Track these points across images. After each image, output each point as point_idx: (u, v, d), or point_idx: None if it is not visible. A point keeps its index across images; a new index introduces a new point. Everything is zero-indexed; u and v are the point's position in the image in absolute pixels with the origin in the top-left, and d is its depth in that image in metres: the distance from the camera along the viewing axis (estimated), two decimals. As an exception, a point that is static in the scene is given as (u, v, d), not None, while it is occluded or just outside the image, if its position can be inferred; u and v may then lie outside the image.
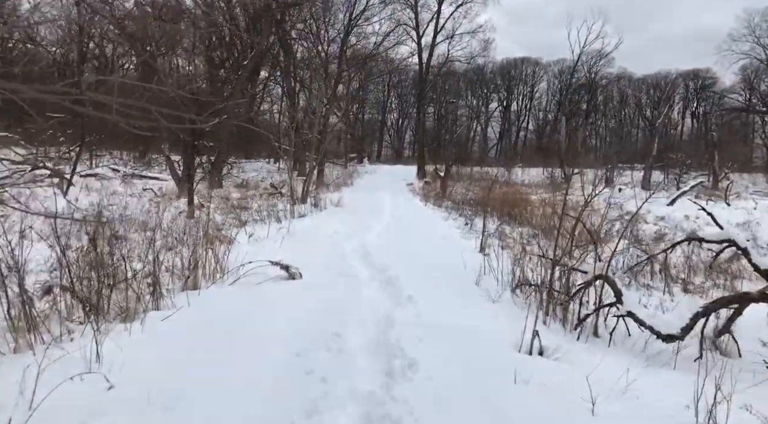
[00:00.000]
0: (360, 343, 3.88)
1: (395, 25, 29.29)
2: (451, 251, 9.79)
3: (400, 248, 8.87)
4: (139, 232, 9.97)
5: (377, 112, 53.05)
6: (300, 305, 5.03)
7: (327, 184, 21.83)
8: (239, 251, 7.36)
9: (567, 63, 53.86)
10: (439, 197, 21.03)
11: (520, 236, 12.72)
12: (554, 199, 23.02)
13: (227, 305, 4.91)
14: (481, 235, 12.70)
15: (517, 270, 7.65)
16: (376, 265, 7.09)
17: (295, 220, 11.60)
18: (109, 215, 11.56)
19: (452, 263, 8.38)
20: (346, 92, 31.13)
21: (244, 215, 12.95)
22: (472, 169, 33.03)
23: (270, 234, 9.47)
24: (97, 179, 22.58)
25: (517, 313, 6.05)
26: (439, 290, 6.06)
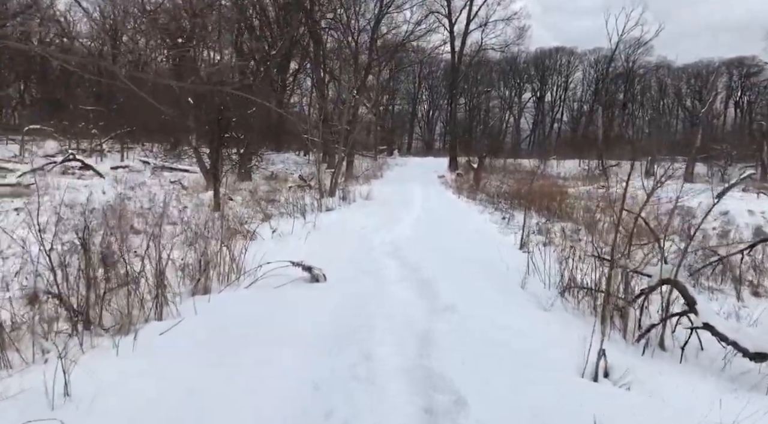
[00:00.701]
0: (393, 368, 3.14)
1: (427, 13, 28.30)
2: (489, 248, 8.97)
3: (433, 244, 8.10)
4: (157, 226, 9.43)
5: (408, 104, 52.06)
6: (322, 315, 4.32)
7: (356, 177, 21.13)
8: (260, 247, 6.71)
9: (603, 52, 51.89)
10: (472, 190, 20.14)
11: (562, 232, 11.80)
12: (596, 193, 21.84)
13: (238, 314, 4.24)
14: (520, 230, 11.87)
15: (565, 271, 6.84)
16: (407, 263, 6.35)
17: (323, 214, 10.93)
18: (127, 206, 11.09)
19: (492, 262, 7.58)
20: (376, 83, 30.35)
21: (270, 208, 12.35)
22: (505, 161, 31.94)
23: (295, 229, 8.81)
24: (128, 171, 22.35)
25: (570, 321, 5.24)
26: (481, 295, 5.28)
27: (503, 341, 3.78)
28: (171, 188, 17.02)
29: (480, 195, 19.17)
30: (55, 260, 3.84)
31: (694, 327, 5.10)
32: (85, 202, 13.32)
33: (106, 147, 26.80)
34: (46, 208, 12.32)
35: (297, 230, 8.84)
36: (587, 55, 53.54)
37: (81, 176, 20.04)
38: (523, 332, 4.11)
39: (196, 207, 11.91)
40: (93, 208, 9.75)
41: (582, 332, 4.88)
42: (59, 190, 15.82)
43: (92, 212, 8.23)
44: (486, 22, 30.23)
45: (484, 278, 6.21)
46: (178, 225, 9.45)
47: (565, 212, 15.46)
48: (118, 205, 10.92)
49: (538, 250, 9.43)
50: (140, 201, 12.26)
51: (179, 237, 8.83)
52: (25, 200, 13.37)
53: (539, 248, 9.75)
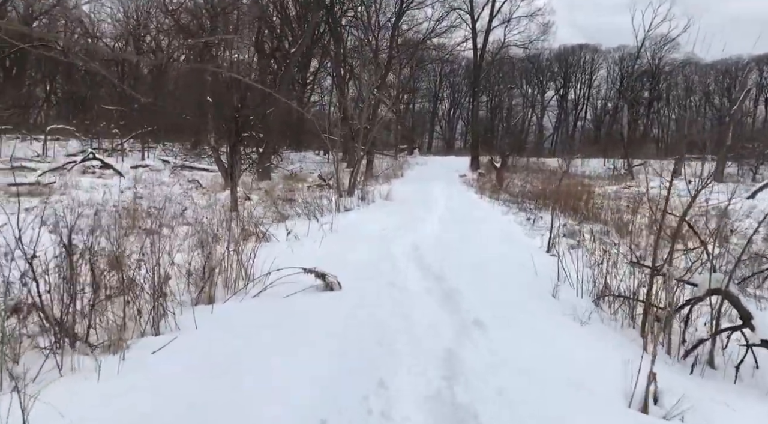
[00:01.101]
0: (413, 400, 2.68)
1: (448, 9, 27.72)
2: (516, 252, 8.45)
3: (456, 248, 7.62)
4: (170, 226, 9.10)
5: (428, 102, 51.44)
6: (334, 330, 3.88)
7: (376, 176, 20.70)
8: (273, 251, 6.30)
9: (628, 49, 50.57)
10: (495, 190, 19.55)
11: (591, 234, 11.20)
12: (624, 193, 21.08)
13: (242, 329, 3.80)
14: (547, 232, 11.30)
15: (598, 277, 6.32)
16: (430, 270, 5.88)
17: (340, 214, 10.50)
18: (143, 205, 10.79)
19: (519, 267, 7.07)
20: (397, 81, 29.88)
21: (288, 208, 11.98)
22: (528, 160, 31.22)
23: (311, 231, 8.39)
24: (147, 170, 22.24)
25: (609, 336, 4.72)
26: (511, 307, 4.78)
27: (539, 365, 3.29)
28: (188, 187, 16.78)
29: (503, 195, 18.59)
30: (46, 266, 3.48)
31: (751, 344, 4.55)
32: (101, 202, 13.15)
33: (127, 146, 26.79)
34: (59, 207, 12.15)
35: (313, 231, 8.43)
36: (612, 53, 52.31)
37: (101, 175, 19.94)
38: (561, 353, 3.61)
39: (210, 206, 11.58)
40: (97, 209, 9.44)
41: (624, 350, 4.37)
42: (78, 190, 15.74)
43: (97, 213, 7.89)
44: (509, 18, 29.53)
45: (512, 286, 5.70)
46: (191, 225, 9.12)
47: (592, 212, 14.83)
48: (130, 204, 10.64)
49: (567, 253, 8.91)
50: (154, 200, 11.98)
51: (191, 239, 8.50)
52: (42, 200, 13.22)
53: (568, 252, 9.22)
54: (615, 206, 16.70)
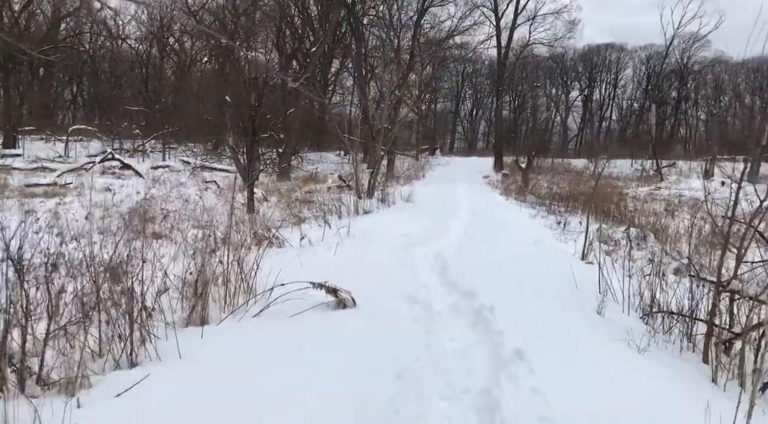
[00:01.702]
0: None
1: (472, 7, 26.87)
2: (549, 259, 7.67)
3: (485, 256, 6.87)
4: (179, 230, 8.53)
5: (450, 103, 50.50)
6: (344, 361, 3.19)
7: (397, 177, 19.99)
8: (283, 258, 5.65)
9: (655, 48, 49.02)
10: (521, 191, 18.69)
11: (627, 239, 10.35)
12: (659, 194, 20.05)
13: (234, 360, 3.14)
14: (579, 236, 10.48)
15: (645, 290, 5.57)
16: (457, 284, 5.15)
17: (359, 217, 9.83)
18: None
19: (555, 277, 6.32)
20: (419, 81, 29.13)
21: (305, 210, 11.35)
22: (553, 161, 30.18)
23: (327, 235, 7.73)
24: (167, 171, 21.88)
25: (666, 361, 3.94)
26: (554, 331, 4.04)
27: (601, 412, 2.56)
28: (205, 188, 16.29)
29: (529, 197, 17.73)
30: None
31: None
32: (113, 203, 12.69)
33: (148, 147, 26.56)
34: (72, 207, 11.71)
35: (329, 236, 7.76)
36: (638, 52, 50.76)
37: (120, 176, 19.61)
38: (621, 396, 2.87)
39: (222, 208, 11.00)
40: (88, 214, 8.90)
41: (694, 385, 3.60)
42: (93, 190, 15.35)
43: (88, 217, 7.36)
44: (534, 15, 28.51)
45: (550, 301, 4.95)
46: (204, 228, 8.54)
47: (625, 215, 13.93)
48: (141, 207, 10.12)
49: (604, 261, 8.14)
50: (166, 202, 11.45)
51: (200, 243, 7.91)
52: (56, 201, 12.83)
53: (604, 259, 8.45)
54: (649, 209, 15.77)
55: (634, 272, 7.58)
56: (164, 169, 22.48)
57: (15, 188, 13.94)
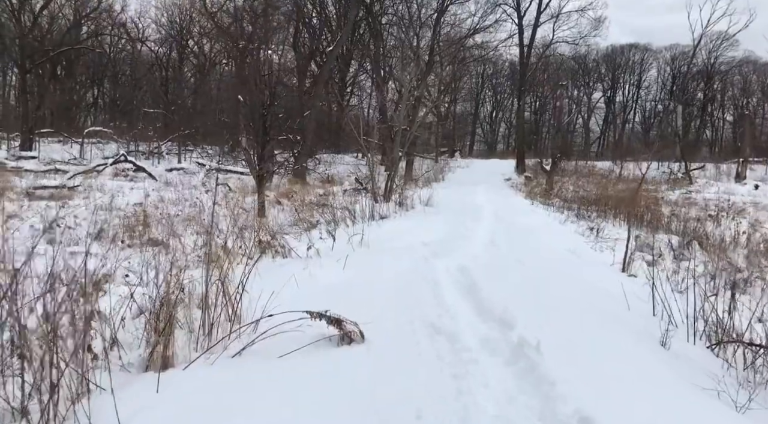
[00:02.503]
0: None
1: (493, 5, 25.79)
2: (589, 272, 6.70)
3: (517, 270, 5.92)
4: (177, 237, 7.73)
5: (470, 104, 49.28)
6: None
7: (415, 180, 19.06)
8: (284, 273, 4.78)
9: (680, 48, 47.34)
10: (545, 194, 17.63)
11: (670, 248, 9.30)
12: (692, 198, 18.85)
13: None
14: (616, 244, 9.47)
15: (707, 311, 4.64)
16: (489, 307, 4.22)
17: (375, 223, 8.93)
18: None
19: (600, 295, 5.37)
20: (439, 81, 28.17)
21: (319, 214, 10.48)
22: (577, 163, 28.97)
23: (337, 244, 6.85)
24: (181, 174, 21.27)
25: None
26: (617, 374, 3.09)
27: None
28: (217, 191, 15.54)
29: (555, 200, 16.67)
30: None
31: None
32: (119, 206, 11.98)
33: (165, 149, 26.02)
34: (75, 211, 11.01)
35: (340, 245, 6.88)
36: (663, 52, 49.08)
37: (132, 178, 19.02)
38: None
39: (231, 211, 10.18)
40: (50, 224, 8.14)
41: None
42: (102, 193, 14.72)
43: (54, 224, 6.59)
44: (558, 13, 27.27)
45: (605, 332, 3.99)
46: (207, 234, 7.73)
47: (659, 220, 12.84)
48: (140, 210, 9.37)
49: (651, 275, 7.17)
50: (167, 206, 10.68)
51: (200, 251, 7.09)
52: (60, 204, 12.17)
53: (652, 273, 7.46)
54: (687, 214, 14.65)
55: (685, 288, 6.60)
56: (179, 172, 21.90)
57: (20, 191, 13.34)
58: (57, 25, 31.39)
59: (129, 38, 32.44)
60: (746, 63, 47.77)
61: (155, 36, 39.18)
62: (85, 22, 34.08)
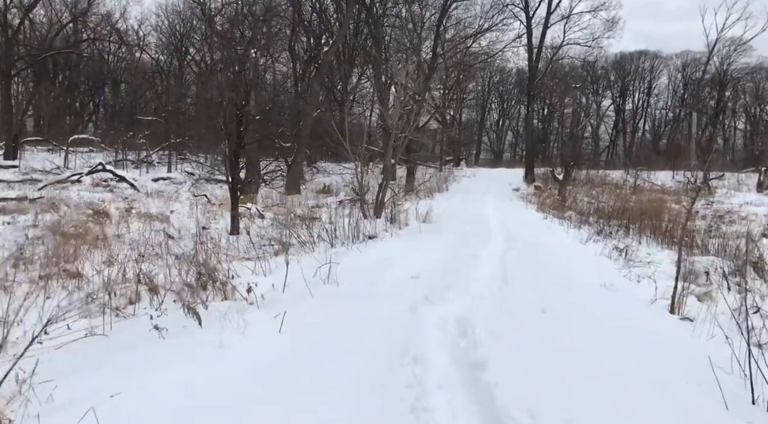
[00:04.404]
0: None
1: (501, 7, 23.95)
2: (636, 319, 4.85)
3: (543, 325, 4.07)
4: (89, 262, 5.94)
5: (476, 112, 47.36)
6: None
7: (417, 190, 17.22)
8: (174, 355, 2.97)
9: (692, 55, 45.34)
10: (558, 206, 15.73)
11: (722, 276, 7.39)
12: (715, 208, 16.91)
13: None
14: (652, 272, 7.60)
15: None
16: (500, 404, 2.39)
17: (357, 246, 7.09)
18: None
19: (673, 369, 3.53)
20: (443, 87, 26.40)
21: (302, 231, 8.64)
22: (588, 172, 26.99)
23: (297, 279, 5.01)
24: (168, 184, 19.59)
25: None
26: None
27: None
28: (196, 203, 13.77)
29: (569, 212, 14.76)
30: None
31: None
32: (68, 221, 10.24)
33: (156, 158, 24.39)
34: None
35: (297, 282, 5.04)
36: (673, 59, 47.10)
37: (113, 189, 17.32)
38: None
39: (178, 231, 8.41)
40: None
41: None
42: (67, 206, 13.04)
43: None
44: (569, 14, 25.36)
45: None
46: (141, 260, 5.96)
47: (691, 237, 10.87)
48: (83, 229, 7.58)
49: (697, 309, 5.45)
50: (114, 223, 8.87)
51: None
52: (6, 219, 10.48)
53: (701, 308, 5.73)
54: (723, 228, 12.74)
55: (763, 339, 4.81)
56: (165, 181, 20.24)
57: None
58: (53, 29, 30.02)
59: (123, 43, 30.91)
60: (759, 70, 45.74)
61: (157, 43, 37.81)
62: (84, 28, 32.71)
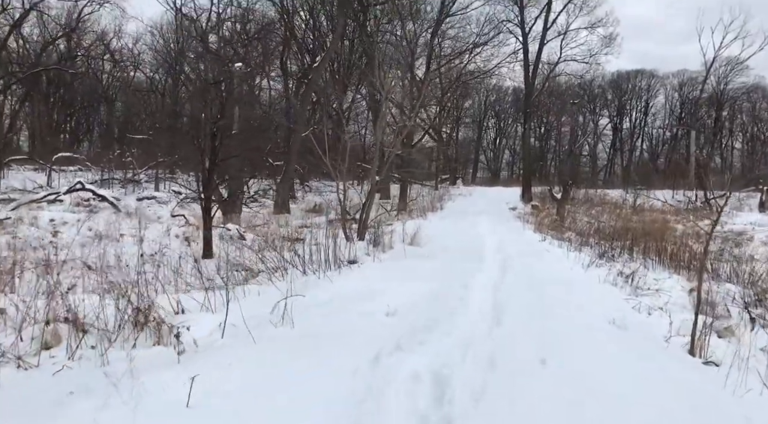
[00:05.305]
0: None
1: (496, 22, 23.43)
2: (653, 369, 3.97)
3: (542, 386, 3.20)
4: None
5: (472, 131, 46.79)
6: None
7: (410, 209, 16.38)
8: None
9: (689, 74, 44.93)
10: (556, 226, 14.89)
11: (743, 308, 6.52)
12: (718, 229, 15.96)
13: None
14: (663, 303, 6.73)
15: None
16: None
17: (331, 274, 6.22)
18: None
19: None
20: (437, 104, 25.76)
21: (281, 254, 7.75)
22: (587, 191, 26.24)
23: (248, 315, 4.15)
24: (151, 203, 18.78)
25: None
26: None
27: None
28: (170, 224, 12.90)
29: (568, 233, 13.91)
30: None
31: None
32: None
33: (144, 176, 23.60)
34: None
35: (254, 316, 4.19)
36: (670, 78, 46.73)
37: (93, 209, 16.47)
38: None
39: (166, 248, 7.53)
40: None
41: None
42: (34, 227, 12.20)
43: None
44: (566, 30, 24.81)
45: None
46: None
47: (700, 260, 9.98)
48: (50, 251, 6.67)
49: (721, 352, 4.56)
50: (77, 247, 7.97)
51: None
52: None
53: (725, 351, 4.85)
54: (728, 249, 11.92)
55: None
56: (150, 201, 19.43)
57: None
58: (49, 51, 29.52)
59: (116, 63, 30.35)
60: (755, 89, 45.34)
61: (151, 62, 37.30)
62: (77, 47, 32.24)
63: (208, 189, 9.22)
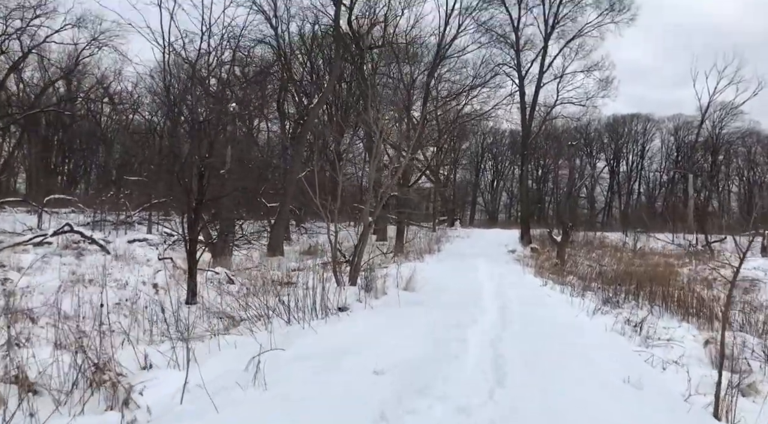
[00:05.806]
0: None
1: (492, 66, 23.64)
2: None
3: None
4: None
5: (470, 173, 46.81)
6: None
7: (407, 251, 15.92)
8: None
9: (684, 118, 45.38)
10: (557, 270, 14.41)
11: (765, 361, 6.01)
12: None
13: None
14: (679, 358, 6.24)
15: None
16: None
17: (316, 323, 5.72)
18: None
19: None
20: (436, 148, 25.72)
21: (265, 300, 7.24)
22: (586, 234, 25.85)
23: (218, 373, 3.65)
24: (141, 246, 18.28)
25: None
26: None
27: None
28: (160, 267, 12.41)
29: (569, 277, 13.42)
30: None
31: None
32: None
33: (137, 218, 23.18)
34: None
35: (225, 373, 3.70)
36: (665, 122, 47.17)
37: (82, 251, 15.99)
38: None
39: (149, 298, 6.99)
40: None
41: None
42: (17, 271, 11.69)
43: None
44: (562, 73, 25.04)
45: None
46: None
47: (709, 308, 9.49)
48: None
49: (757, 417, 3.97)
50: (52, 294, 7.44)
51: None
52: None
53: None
54: (738, 296, 11.40)
55: None
56: (141, 243, 18.94)
57: None
58: (48, 94, 29.67)
59: (114, 106, 30.47)
60: (750, 134, 45.72)
61: (150, 104, 37.55)
62: (77, 90, 32.45)
63: (193, 230, 8.79)
